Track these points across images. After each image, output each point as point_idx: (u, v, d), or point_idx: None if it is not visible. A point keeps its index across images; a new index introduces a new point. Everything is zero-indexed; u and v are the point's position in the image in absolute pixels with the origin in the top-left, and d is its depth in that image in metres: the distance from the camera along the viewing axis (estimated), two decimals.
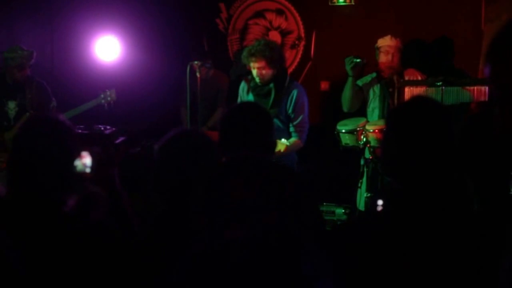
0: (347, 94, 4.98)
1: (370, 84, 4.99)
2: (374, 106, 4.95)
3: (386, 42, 4.92)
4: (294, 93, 4.52)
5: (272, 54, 4.46)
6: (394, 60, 4.90)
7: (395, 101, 4.80)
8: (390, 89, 4.86)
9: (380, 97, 4.92)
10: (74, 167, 2.25)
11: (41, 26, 6.38)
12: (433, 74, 4.77)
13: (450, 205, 1.86)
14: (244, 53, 4.53)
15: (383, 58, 4.92)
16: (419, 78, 4.90)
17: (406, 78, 4.88)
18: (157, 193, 2.23)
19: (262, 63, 4.44)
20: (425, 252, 1.81)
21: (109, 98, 5.42)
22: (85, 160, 2.43)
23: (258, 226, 1.70)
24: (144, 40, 6.19)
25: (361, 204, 4.72)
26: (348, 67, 4.87)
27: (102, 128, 5.58)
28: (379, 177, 4.61)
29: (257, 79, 4.53)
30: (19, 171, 2.17)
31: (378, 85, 4.95)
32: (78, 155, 2.30)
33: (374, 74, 5.01)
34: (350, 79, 4.94)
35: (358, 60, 4.82)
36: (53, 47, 6.53)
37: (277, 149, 4.05)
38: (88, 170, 2.52)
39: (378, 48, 4.96)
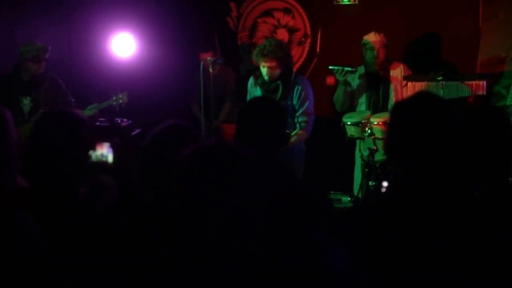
0: (340, 98, 5.09)
1: (360, 85, 5.09)
2: (361, 101, 5.08)
3: (371, 39, 5.00)
4: (299, 86, 4.68)
5: (284, 55, 4.62)
6: (380, 55, 4.97)
7: (381, 95, 4.97)
8: (377, 84, 5.00)
9: (367, 92, 5.04)
10: (87, 158, 2.27)
11: (59, 24, 6.44)
12: (426, 69, 4.92)
13: (450, 191, 1.92)
14: (256, 52, 4.65)
15: (368, 54, 5.02)
16: (406, 72, 4.99)
17: (391, 72, 5.00)
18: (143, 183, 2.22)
19: (273, 63, 4.59)
20: (427, 237, 1.86)
21: (121, 101, 5.50)
22: (104, 151, 2.47)
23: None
24: (158, 38, 6.30)
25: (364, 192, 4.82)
26: (340, 79, 4.94)
27: (119, 121, 5.67)
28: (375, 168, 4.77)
29: (266, 77, 4.67)
30: (34, 163, 2.20)
31: (365, 80, 5.06)
32: (91, 146, 2.32)
33: (362, 70, 5.09)
34: (342, 87, 5.04)
35: (349, 69, 4.88)
36: (71, 45, 6.62)
37: None
38: (107, 159, 2.58)
39: (364, 45, 5.04)
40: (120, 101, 5.50)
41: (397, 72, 5.03)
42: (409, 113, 1.99)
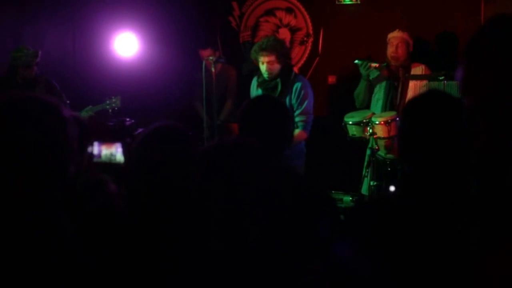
0: (361, 93, 5.13)
1: (378, 77, 5.12)
2: (379, 97, 5.09)
3: (393, 34, 5.09)
4: (298, 85, 4.68)
5: (282, 49, 4.66)
6: (398, 51, 5.02)
7: (399, 94, 4.98)
8: (396, 83, 5.03)
9: (386, 89, 5.06)
10: (78, 155, 2.20)
11: (64, 24, 6.51)
12: (437, 69, 4.91)
13: (458, 189, 1.95)
14: (255, 48, 4.69)
15: (389, 49, 5.08)
16: (423, 72, 5.03)
17: (412, 71, 5.03)
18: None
19: (272, 57, 4.61)
20: (433, 235, 1.89)
21: (113, 105, 5.58)
22: (113, 150, 2.52)
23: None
24: (160, 37, 6.36)
25: (366, 191, 4.86)
26: (364, 72, 5.02)
27: (122, 121, 5.83)
28: (384, 166, 4.81)
29: (265, 75, 4.69)
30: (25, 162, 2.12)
31: (384, 75, 5.09)
32: (80, 143, 2.20)
33: (384, 65, 5.11)
34: (365, 82, 5.10)
35: (374, 64, 4.98)
36: (75, 44, 6.67)
37: None
38: (116, 159, 2.63)
39: (387, 41, 5.12)
40: (113, 105, 5.60)
41: (417, 71, 5.06)
42: (420, 110, 2.01)
